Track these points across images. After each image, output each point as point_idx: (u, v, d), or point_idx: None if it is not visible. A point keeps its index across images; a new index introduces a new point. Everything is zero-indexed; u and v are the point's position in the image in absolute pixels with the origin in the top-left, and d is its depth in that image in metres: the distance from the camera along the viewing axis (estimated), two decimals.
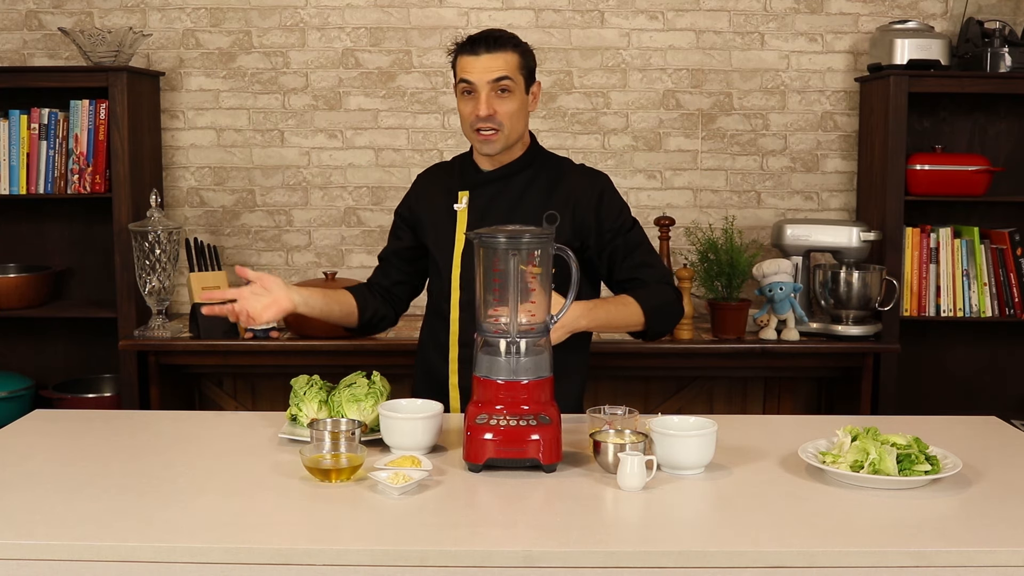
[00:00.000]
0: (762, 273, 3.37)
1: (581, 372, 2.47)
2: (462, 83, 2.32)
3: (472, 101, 2.31)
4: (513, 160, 2.40)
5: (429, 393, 2.37)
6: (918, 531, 1.71)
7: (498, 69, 2.29)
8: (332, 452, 1.93)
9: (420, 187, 2.56)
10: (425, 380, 2.51)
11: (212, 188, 3.84)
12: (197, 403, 3.74)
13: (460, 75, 2.32)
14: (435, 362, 2.47)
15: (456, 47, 2.36)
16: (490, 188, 2.40)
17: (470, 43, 2.32)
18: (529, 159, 2.42)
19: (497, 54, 2.30)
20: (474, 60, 2.30)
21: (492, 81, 2.29)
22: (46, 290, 3.66)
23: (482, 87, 2.29)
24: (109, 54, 3.47)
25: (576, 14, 3.76)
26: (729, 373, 3.64)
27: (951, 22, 3.76)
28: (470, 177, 2.42)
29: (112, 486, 1.89)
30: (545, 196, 2.38)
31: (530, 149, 2.43)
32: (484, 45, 2.30)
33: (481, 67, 2.29)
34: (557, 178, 2.41)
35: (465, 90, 2.32)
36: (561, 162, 2.47)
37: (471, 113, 2.31)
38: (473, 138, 2.36)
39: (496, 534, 1.70)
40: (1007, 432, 2.31)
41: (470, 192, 2.40)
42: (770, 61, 3.78)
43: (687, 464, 1.95)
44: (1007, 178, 3.73)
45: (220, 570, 1.62)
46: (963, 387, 3.82)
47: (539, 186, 2.40)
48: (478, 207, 2.39)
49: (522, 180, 2.40)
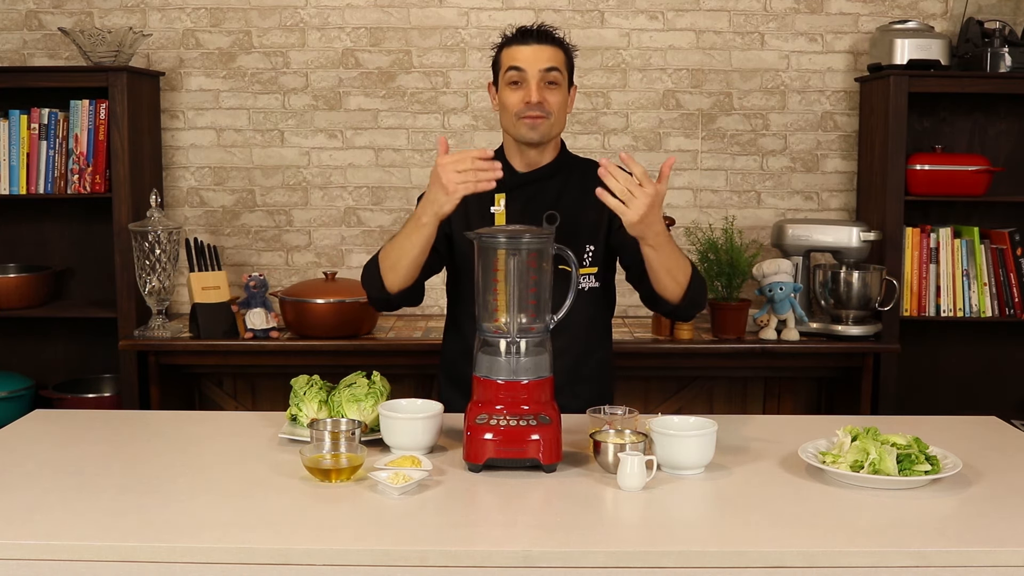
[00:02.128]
0: (762, 273, 3.38)
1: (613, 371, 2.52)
2: (511, 71, 2.30)
3: (521, 90, 2.30)
4: (546, 163, 2.39)
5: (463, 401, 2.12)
6: (918, 531, 1.71)
7: (549, 59, 2.30)
8: (332, 452, 1.93)
9: None
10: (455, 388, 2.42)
11: (212, 188, 3.84)
12: (197, 403, 3.74)
13: (509, 64, 2.31)
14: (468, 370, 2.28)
15: (503, 39, 2.36)
16: (527, 190, 2.37)
17: (520, 34, 2.33)
18: (562, 162, 2.42)
19: (547, 46, 2.31)
20: (525, 49, 2.30)
21: (543, 70, 2.29)
22: (46, 290, 3.66)
23: (533, 75, 2.28)
24: (109, 54, 3.47)
25: (576, 14, 3.76)
26: (729, 373, 3.64)
27: (951, 22, 3.76)
28: (506, 178, 2.36)
29: (112, 486, 1.89)
30: (580, 196, 2.36)
31: (562, 152, 2.44)
32: (535, 36, 2.31)
33: (532, 56, 2.29)
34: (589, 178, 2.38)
35: (513, 80, 2.30)
36: (591, 164, 2.46)
37: (519, 101, 2.30)
38: (518, 125, 2.32)
39: (496, 534, 1.70)
40: (1007, 432, 2.31)
41: (506, 195, 2.38)
42: (770, 61, 3.78)
43: (687, 464, 1.95)
44: (1007, 178, 3.73)
45: (220, 570, 1.62)
46: (963, 387, 3.82)
47: (573, 188, 2.39)
48: (515, 210, 2.37)
49: (557, 183, 2.39)
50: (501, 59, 2.35)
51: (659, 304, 2.33)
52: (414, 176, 3.82)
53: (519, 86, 2.30)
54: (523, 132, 2.33)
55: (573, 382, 2.35)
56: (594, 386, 2.43)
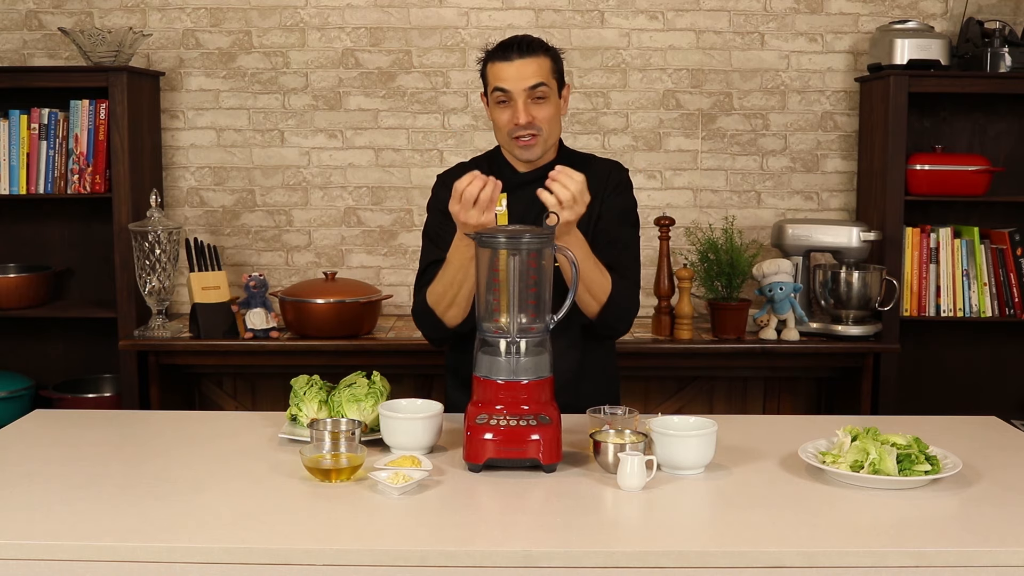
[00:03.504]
0: (762, 273, 3.38)
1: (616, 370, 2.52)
2: (497, 91, 2.30)
3: (509, 109, 2.30)
4: (546, 163, 2.38)
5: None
6: (918, 531, 1.71)
7: (533, 76, 2.28)
8: (332, 452, 1.93)
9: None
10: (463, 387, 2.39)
11: (212, 188, 3.84)
12: (197, 403, 3.74)
13: (494, 83, 2.30)
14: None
15: (486, 54, 2.35)
16: (529, 190, 2.35)
17: (501, 49, 2.30)
18: (562, 161, 2.40)
19: (530, 59, 2.28)
20: (507, 66, 2.28)
21: (528, 88, 2.28)
22: (46, 290, 3.66)
23: (518, 95, 2.28)
24: (109, 54, 3.47)
25: (576, 14, 3.76)
26: (729, 373, 3.64)
27: (951, 22, 3.76)
28: (507, 179, 2.37)
29: (112, 486, 1.89)
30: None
31: (561, 151, 2.44)
32: (517, 50, 2.28)
33: (516, 74, 2.27)
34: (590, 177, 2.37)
35: (500, 99, 2.30)
36: (586, 158, 2.48)
37: (509, 121, 2.30)
38: (512, 145, 2.34)
39: (496, 534, 1.70)
40: (1007, 432, 2.31)
41: (508, 194, 2.37)
42: (770, 61, 3.78)
43: (687, 464, 1.95)
44: (1007, 178, 3.73)
45: (220, 570, 1.62)
46: (963, 387, 3.82)
47: None
48: (518, 210, 2.37)
49: None
50: (487, 75, 2.34)
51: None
52: (414, 176, 3.82)
53: (507, 105, 2.30)
54: (518, 153, 2.35)
55: (576, 381, 2.35)
56: (599, 385, 2.43)
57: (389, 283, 3.84)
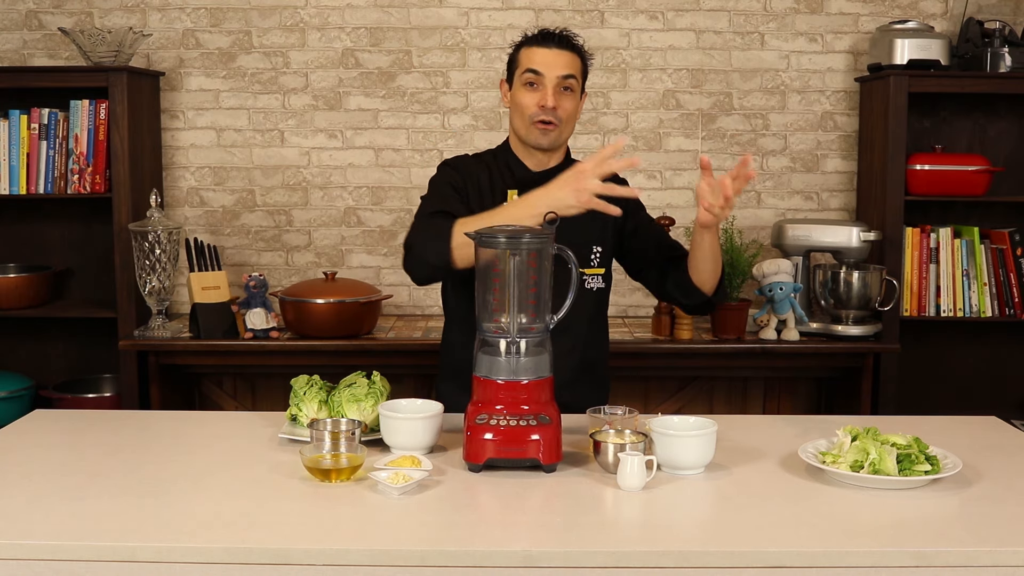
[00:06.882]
0: (762, 273, 3.38)
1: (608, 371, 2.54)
2: (528, 73, 2.32)
3: (536, 92, 2.32)
4: (554, 165, 2.40)
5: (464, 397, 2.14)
6: (918, 531, 1.71)
7: (566, 66, 2.32)
8: (332, 452, 1.93)
9: (465, 170, 2.43)
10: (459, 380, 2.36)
11: (212, 188, 3.84)
12: (197, 403, 3.74)
13: (527, 65, 2.33)
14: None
15: (523, 39, 2.38)
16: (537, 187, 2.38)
17: (542, 36, 2.34)
18: (568, 166, 2.41)
19: (567, 52, 2.33)
20: (546, 52, 2.32)
21: (561, 76, 2.31)
22: (46, 290, 3.66)
23: (550, 80, 2.31)
24: (109, 54, 3.47)
25: (576, 14, 3.76)
26: (729, 373, 3.63)
27: (951, 22, 3.76)
28: (519, 174, 2.39)
29: (112, 486, 1.89)
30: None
31: (567, 156, 2.46)
32: (556, 41, 2.33)
33: (552, 60, 2.31)
34: None
35: (529, 81, 2.32)
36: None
37: (534, 104, 2.31)
38: (530, 130, 2.34)
39: (496, 534, 1.70)
40: (1007, 432, 2.31)
41: (519, 191, 2.38)
42: (770, 61, 3.78)
43: (687, 464, 1.95)
44: (1007, 178, 3.73)
45: (220, 570, 1.62)
46: (963, 387, 3.82)
47: None
48: None
49: None
50: (519, 58, 2.36)
51: (692, 295, 2.36)
52: (414, 176, 3.82)
53: (535, 88, 2.32)
54: (534, 137, 2.35)
55: (575, 381, 2.36)
56: (596, 386, 2.44)
57: (389, 283, 3.84)
